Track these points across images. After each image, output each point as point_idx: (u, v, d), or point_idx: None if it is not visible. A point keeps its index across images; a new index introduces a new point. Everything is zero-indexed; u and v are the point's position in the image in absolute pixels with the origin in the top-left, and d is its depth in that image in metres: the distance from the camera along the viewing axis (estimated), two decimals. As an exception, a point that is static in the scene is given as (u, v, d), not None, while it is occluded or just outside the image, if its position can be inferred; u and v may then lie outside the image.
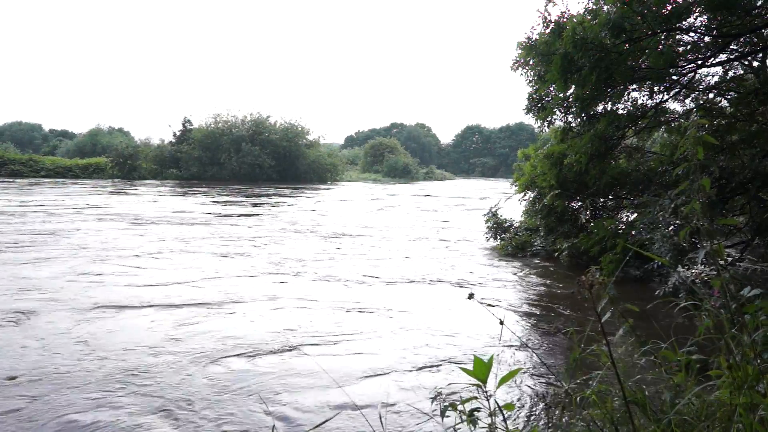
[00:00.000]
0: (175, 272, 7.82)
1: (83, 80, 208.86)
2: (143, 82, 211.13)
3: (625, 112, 8.66)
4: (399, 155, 61.67)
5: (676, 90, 8.42)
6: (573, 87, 8.05)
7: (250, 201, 21.57)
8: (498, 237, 11.44)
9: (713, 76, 8.62)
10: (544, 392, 3.98)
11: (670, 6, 6.91)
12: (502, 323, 1.81)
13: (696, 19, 7.46)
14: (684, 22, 7.29)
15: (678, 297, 5.24)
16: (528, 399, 3.86)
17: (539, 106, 9.07)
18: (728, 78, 8.46)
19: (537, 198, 10.28)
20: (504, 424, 1.91)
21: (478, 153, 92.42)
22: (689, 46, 7.73)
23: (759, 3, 7.07)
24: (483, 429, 1.87)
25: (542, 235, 10.45)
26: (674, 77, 8.10)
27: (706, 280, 1.93)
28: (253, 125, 42.55)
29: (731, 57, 7.99)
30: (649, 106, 8.62)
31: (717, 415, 1.69)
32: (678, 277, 5.61)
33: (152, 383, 3.93)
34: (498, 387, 1.80)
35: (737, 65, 8.42)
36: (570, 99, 8.55)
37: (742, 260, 7.13)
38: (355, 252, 10.23)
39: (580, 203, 9.69)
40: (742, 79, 8.28)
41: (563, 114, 8.98)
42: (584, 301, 1.61)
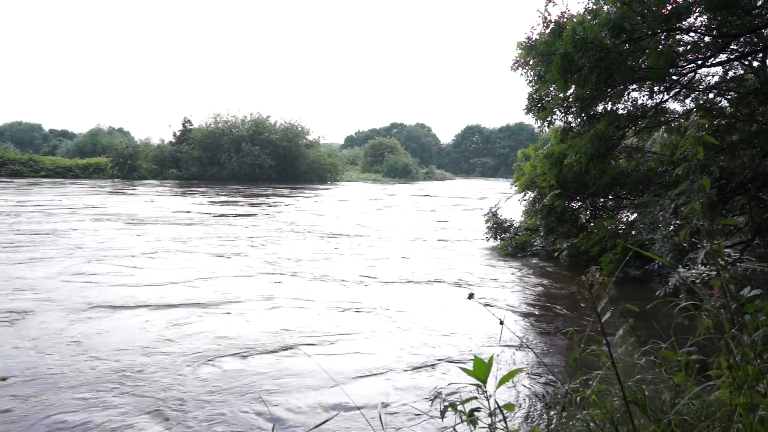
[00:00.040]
0: (171, 272, 7.78)
1: (83, 80, 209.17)
2: (143, 82, 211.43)
3: (625, 112, 8.65)
4: (399, 155, 61.68)
5: (676, 90, 8.42)
6: (573, 87, 8.05)
7: (248, 201, 21.54)
8: (498, 237, 11.43)
9: (713, 76, 8.63)
10: (544, 392, 3.96)
11: (670, 6, 6.90)
12: (502, 323, 1.80)
13: (696, 19, 7.46)
14: (684, 22, 7.29)
15: (678, 297, 5.23)
16: (528, 399, 3.84)
17: (539, 106, 9.07)
18: (728, 78, 8.46)
19: (537, 198, 10.28)
20: (504, 424, 1.90)
21: (478, 153, 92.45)
22: (689, 46, 7.72)
23: (759, 3, 7.07)
24: (483, 429, 1.86)
25: (542, 235, 10.44)
26: (674, 77, 8.09)
27: (706, 281, 1.92)
28: (253, 125, 42.57)
29: (731, 57, 7.98)
30: (649, 106, 8.61)
31: (717, 415, 1.68)
32: (678, 278, 5.60)
33: (145, 383, 3.90)
34: (498, 387, 1.79)
35: (737, 65, 8.42)
36: (570, 99, 8.54)
37: (742, 260, 7.12)
38: (353, 252, 10.19)
39: (580, 203, 9.69)
40: (742, 79, 8.27)
41: (563, 114, 8.97)
42: (584, 301, 1.60)
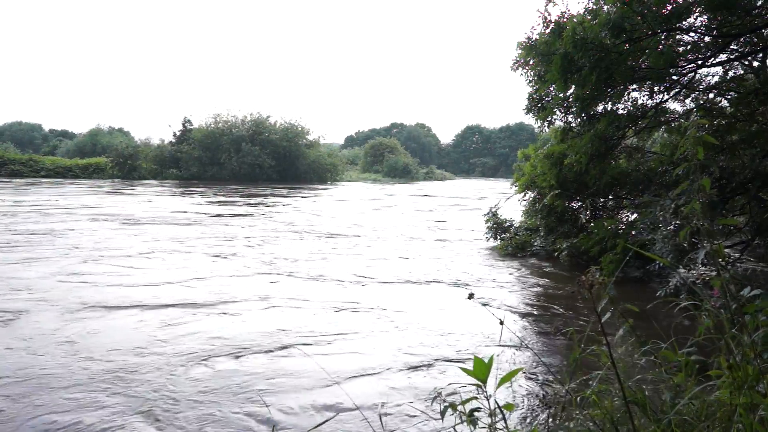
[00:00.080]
0: (167, 272, 7.76)
1: (83, 80, 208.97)
2: (143, 82, 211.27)
3: (625, 112, 8.65)
4: (399, 155, 61.66)
5: (676, 90, 8.42)
6: (573, 87, 8.04)
7: (247, 201, 21.51)
8: (498, 237, 11.43)
9: (713, 76, 8.62)
10: (544, 392, 3.95)
11: (670, 6, 6.90)
12: (502, 323, 1.80)
13: (696, 19, 7.45)
14: (684, 22, 7.28)
15: (679, 297, 5.23)
16: (527, 399, 3.82)
17: (539, 106, 9.06)
18: (728, 78, 8.45)
19: (537, 198, 10.28)
20: (504, 424, 1.90)
21: (478, 153, 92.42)
22: (689, 46, 7.72)
23: (759, 3, 7.06)
24: (483, 429, 1.87)
25: (542, 235, 10.44)
26: (674, 77, 8.09)
27: (707, 281, 1.93)
28: (253, 125, 42.56)
29: (731, 57, 7.98)
30: (649, 106, 8.61)
31: (717, 415, 1.68)
32: (679, 278, 5.61)
33: (137, 384, 3.88)
34: (497, 387, 1.79)
35: (737, 65, 8.41)
36: (570, 99, 8.54)
37: (742, 260, 7.13)
38: (350, 252, 10.16)
39: (580, 203, 9.69)
40: (742, 79, 8.27)
41: (563, 114, 8.97)
42: (584, 301, 1.61)
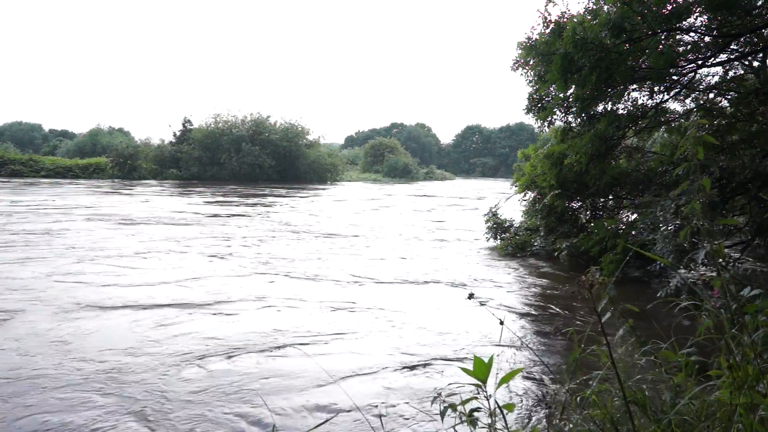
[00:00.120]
0: (163, 272, 7.74)
1: (83, 80, 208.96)
2: (143, 82, 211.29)
3: (625, 112, 8.64)
4: (399, 155, 61.66)
5: (677, 90, 8.41)
6: (573, 87, 8.04)
7: (245, 201, 21.50)
8: (498, 237, 11.43)
9: (713, 76, 8.61)
10: (544, 392, 3.95)
11: (670, 6, 6.89)
12: (502, 323, 1.80)
13: (696, 19, 7.44)
14: (684, 22, 7.28)
15: (679, 297, 5.23)
16: (527, 399, 3.82)
17: (539, 106, 9.06)
18: (728, 78, 8.44)
19: (537, 198, 10.27)
20: (504, 424, 1.90)
21: (478, 153, 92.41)
22: (689, 46, 7.71)
23: (759, 3, 7.06)
24: (482, 429, 1.86)
25: (542, 235, 10.44)
26: (674, 77, 8.08)
27: (707, 281, 1.92)
28: (253, 125, 42.55)
29: (731, 57, 7.97)
30: (650, 106, 8.60)
31: (717, 415, 1.68)
32: (679, 278, 5.61)
33: (129, 384, 3.87)
34: (497, 387, 1.79)
35: (737, 65, 8.41)
36: (570, 99, 8.53)
37: (742, 260, 7.13)
38: (348, 252, 10.15)
39: (580, 203, 9.68)
40: (743, 79, 8.27)
41: (563, 114, 8.96)
42: (584, 302, 1.60)
